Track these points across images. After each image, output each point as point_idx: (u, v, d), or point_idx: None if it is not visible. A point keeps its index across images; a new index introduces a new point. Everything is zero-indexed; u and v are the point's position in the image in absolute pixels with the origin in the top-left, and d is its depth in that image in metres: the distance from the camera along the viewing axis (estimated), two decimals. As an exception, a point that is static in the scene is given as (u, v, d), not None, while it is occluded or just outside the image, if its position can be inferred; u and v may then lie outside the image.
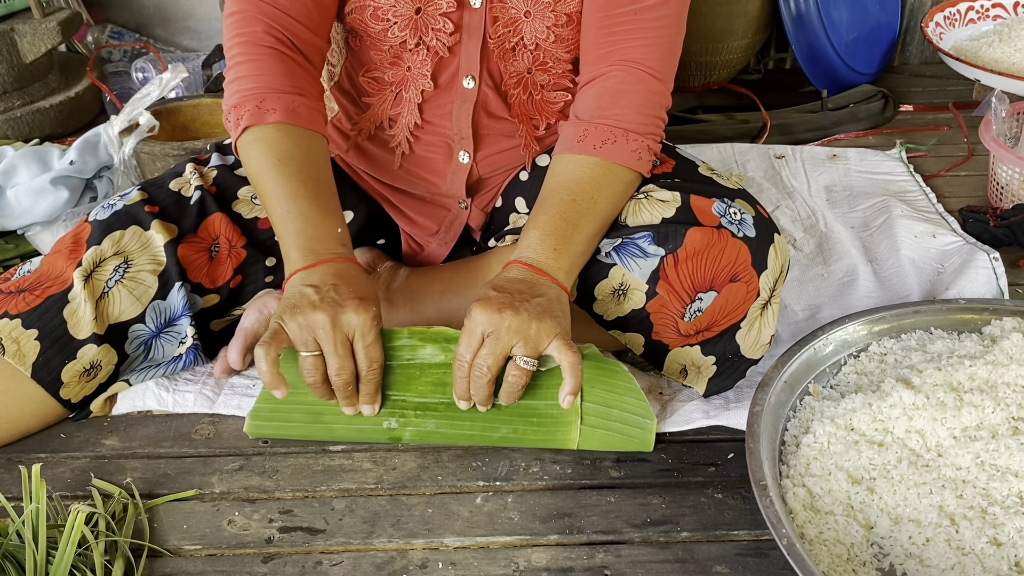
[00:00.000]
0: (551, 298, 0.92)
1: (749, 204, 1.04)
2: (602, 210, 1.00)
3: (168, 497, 0.97)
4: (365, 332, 0.91)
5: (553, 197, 1.00)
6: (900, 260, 1.34)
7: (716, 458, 1.01)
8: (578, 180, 1.00)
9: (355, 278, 0.93)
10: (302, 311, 0.89)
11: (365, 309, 0.90)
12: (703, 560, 0.89)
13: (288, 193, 0.96)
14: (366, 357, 0.92)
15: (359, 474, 0.99)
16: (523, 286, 0.92)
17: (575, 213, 0.98)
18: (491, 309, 0.89)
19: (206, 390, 1.10)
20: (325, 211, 0.97)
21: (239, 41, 1.01)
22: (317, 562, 0.89)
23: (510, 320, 0.89)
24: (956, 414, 0.91)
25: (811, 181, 1.61)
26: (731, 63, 1.97)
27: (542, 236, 0.97)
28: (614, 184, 1.01)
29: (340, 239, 0.97)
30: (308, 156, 1.00)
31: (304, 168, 0.99)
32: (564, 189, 1.00)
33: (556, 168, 1.03)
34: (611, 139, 1.00)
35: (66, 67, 1.96)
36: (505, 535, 0.92)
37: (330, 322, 0.89)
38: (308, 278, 0.92)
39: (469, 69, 1.07)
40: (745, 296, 1.01)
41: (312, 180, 0.98)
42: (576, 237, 0.97)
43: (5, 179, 1.44)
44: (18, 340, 1.01)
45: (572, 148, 1.02)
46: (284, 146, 0.99)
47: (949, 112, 1.87)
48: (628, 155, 1.01)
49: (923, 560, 0.84)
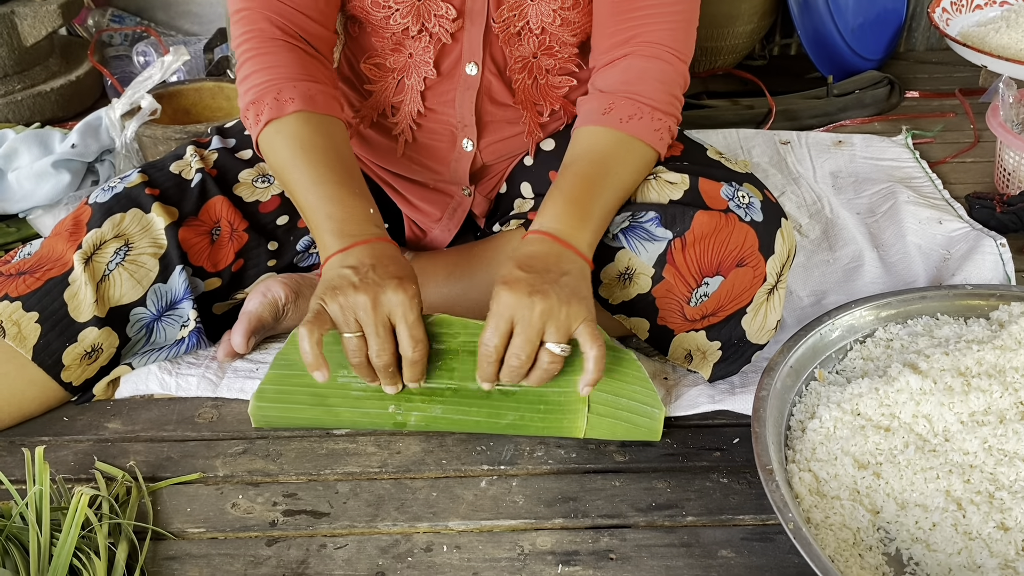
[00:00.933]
0: (576, 275, 0.90)
1: (757, 188, 1.03)
2: (623, 184, 0.99)
3: (172, 480, 0.96)
4: (406, 312, 0.89)
5: (576, 167, 0.98)
6: (906, 246, 1.33)
7: (721, 443, 1.01)
8: (602, 152, 0.98)
9: (392, 258, 0.92)
10: (343, 292, 0.88)
11: (404, 289, 0.88)
12: (708, 544, 0.89)
13: (315, 179, 0.96)
14: (409, 337, 0.89)
15: (363, 458, 0.99)
16: (549, 262, 0.90)
17: (598, 184, 0.96)
18: (520, 293, 0.87)
19: (209, 374, 1.10)
20: (354, 193, 0.96)
21: (248, 37, 1.00)
22: (321, 545, 0.89)
23: (540, 305, 0.86)
24: (964, 399, 0.90)
25: (817, 167, 1.60)
26: (736, 48, 1.96)
27: (565, 206, 0.94)
28: (636, 160, 1.00)
29: (373, 220, 0.95)
30: (331, 141, 0.99)
31: (328, 154, 0.98)
32: (588, 160, 0.98)
33: (580, 139, 1.01)
34: (637, 114, 1.00)
35: (67, 51, 1.94)
36: (510, 519, 0.92)
37: (371, 303, 0.87)
38: (346, 259, 0.90)
39: (472, 55, 1.06)
40: (752, 281, 1.01)
41: (338, 164, 0.97)
42: (597, 209, 0.96)
43: (6, 162, 1.43)
44: (19, 323, 1.00)
45: (597, 120, 1.00)
46: (305, 134, 0.98)
47: (955, 99, 1.86)
48: (651, 133, 1.00)
49: (930, 545, 0.83)
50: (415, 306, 0.89)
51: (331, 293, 0.88)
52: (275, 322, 1.12)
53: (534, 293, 0.86)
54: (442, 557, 0.88)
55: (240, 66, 1.02)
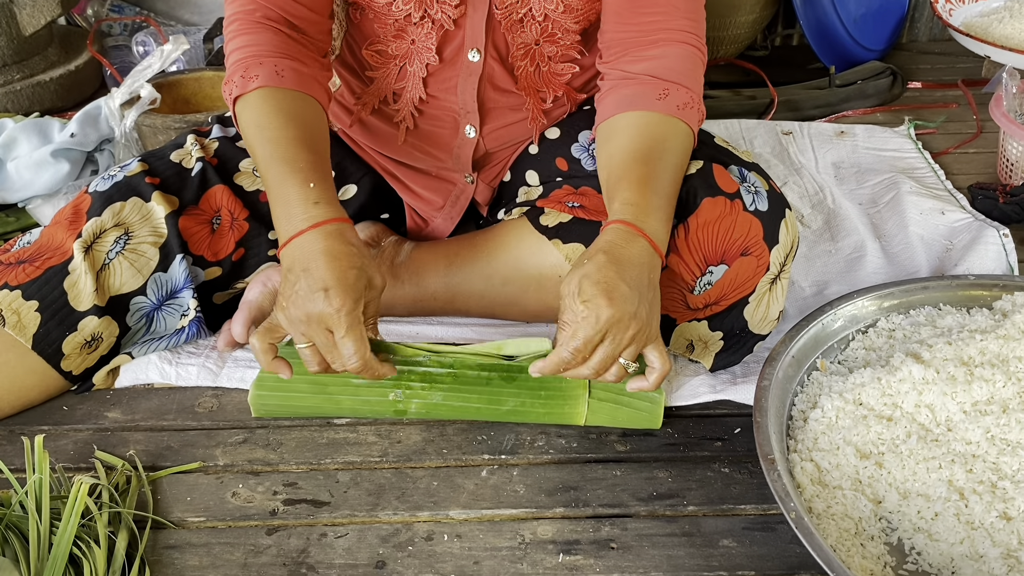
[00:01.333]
0: (657, 284, 0.91)
1: (763, 178, 1.03)
2: (683, 173, 0.99)
3: (172, 469, 0.96)
4: (336, 326, 0.86)
5: (658, 158, 0.95)
6: (908, 236, 1.33)
7: (723, 433, 1.01)
8: (663, 137, 0.97)
9: (326, 251, 0.87)
10: (286, 307, 0.88)
11: (329, 302, 0.85)
12: (710, 534, 0.88)
13: (267, 158, 0.94)
14: (343, 351, 0.87)
15: (364, 447, 0.99)
16: (642, 271, 0.88)
17: (673, 175, 0.96)
18: (623, 312, 0.85)
19: (209, 363, 1.09)
20: (296, 169, 0.92)
21: (232, 19, 1.00)
22: (322, 534, 0.89)
23: (634, 329, 0.86)
24: (966, 388, 0.90)
25: (819, 157, 1.60)
26: (738, 39, 1.95)
27: (652, 199, 0.92)
28: (688, 147, 1.00)
29: (314, 195, 0.90)
30: (288, 118, 0.96)
31: (283, 130, 0.95)
32: (661, 149, 0.96)
33: (646, 127, 0.98)
34: (690, 103, 0.99)
35: (66, 40, 1.94)
36: (511, 508, 0.91)
37: (306, 319, 0.86)
38: (285, 260, 0.90)
39: (475, 42, 1.06)
40: (755, 270, 1.00)
41: (290, 141, 0.94)
42: (672, 200, 0.96)
43: (5, 151, 1.42)
44: (18, 311, 1.00)
45: (652, 105, 0.98)
46: (264, 110, 0.96)
47: (958, 89, 1.85)
48: (698, 122, 1.01)
49: (931, 534, 0.83)
50: (344, 318, 0.85)
51: (279, 307, 0.89)
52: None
53: (633, 318, 0.86)
54: (443, 546, 0.88)
55: (225, 47, 1.02)
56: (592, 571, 0.85)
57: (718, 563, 0.86)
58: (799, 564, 0.85)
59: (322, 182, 0.93)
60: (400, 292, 1.15)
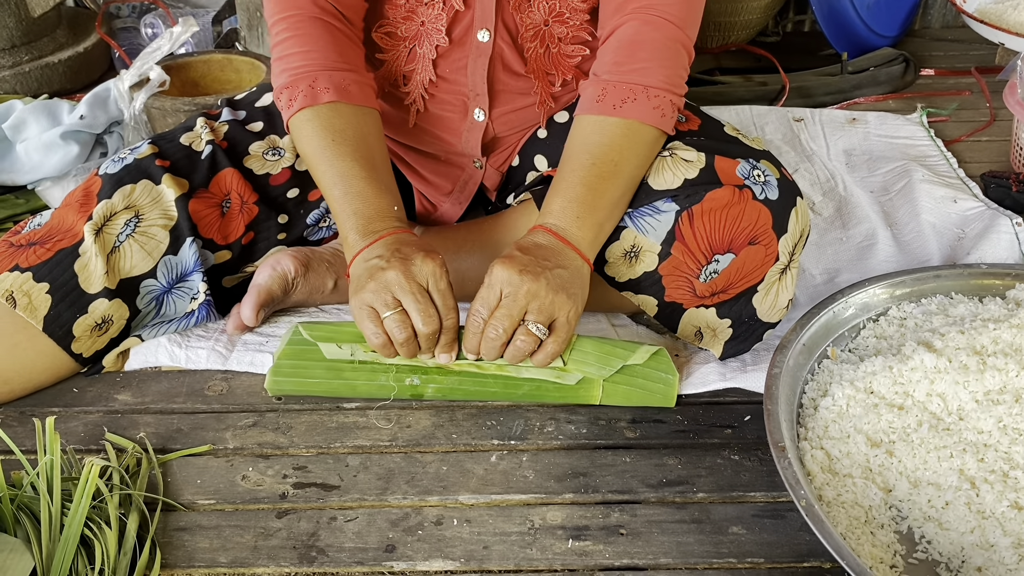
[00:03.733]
0: (571, 272, 0.92)
1: (774, 166, 1.02)
2: (626, 174, 0.98)
3: (181, 452, 0.96)
4: (438, 278, 0.91)
5: (574, 162, 0.98)
6: (920, 225, 1.32)
7: (733, 420, 1.00)
8: (599, 143, 0.97)
9: (416, 241, 0.94)
10: (373, 276, 0.90)
11: (433, 258, 0.91)
12: (719, 521, 0.88)
13: (343, 173, 0.97)
14: (443, 303, 0.92)
15: (373, 431, 0.99)
16: (548, 253, 0.92)
17: (597, 179, 0.96)
18: (512, 269, 0.89)
19: (219, 346, 1.09)
20: (380, 189, 0.97)
21: (286, 15, 1.01)
22: (332, 518, 0.89)
23: (529, 284, 0.89)
24: (979, 377, 0.89)
25: (830, 144, 1.59)
26: (750, 24, 1.93)
27: (564, 203, 0.95)
28: (637, 145, 0.99)
29: (397, 216, 0.97)
30: (361, 134, 1.00)
31: (358, 147, 0.99)
32: (585, 153, 0.97)
33: (576, 130, 1.01)
34: (631, 97, 0.98)
35: (74, 22, 1.93)
36: (520, 493, 0.91)
37: (403, 275, 0.89)
38: (371, 252, 0.93)
39: (484, 22, 1.05)
40: (763, 259, 1.00)
41: (366, 159, 0.99)
42: (600, 204, 0.96)
43: (15, 133, 1.42)
44: (29, 293, 1.00)
45: (591, 109, 0.99)
46: (337, 125, 0.99)
47: (971, 76, 1.84)
48: (650, 113, 0.98)
49: (942, 523, 0.83)
50: (445, 274, 0.92)
51: (362, 284, 0.91)
52: (284, 295, 1.12)
53: (524, 272, 0.89)
54: (452, 531, 0.88)
55: (276, 44, 1.02)
56: (601, 557, 0.85)
57: (727, 550, 0.86)
58: (809, 552, 0.85)
59: (401, 205, 1.00)
60: (409, 277, 1.15)
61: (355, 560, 0.85)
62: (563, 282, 0.91)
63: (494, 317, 0.91)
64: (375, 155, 1.01)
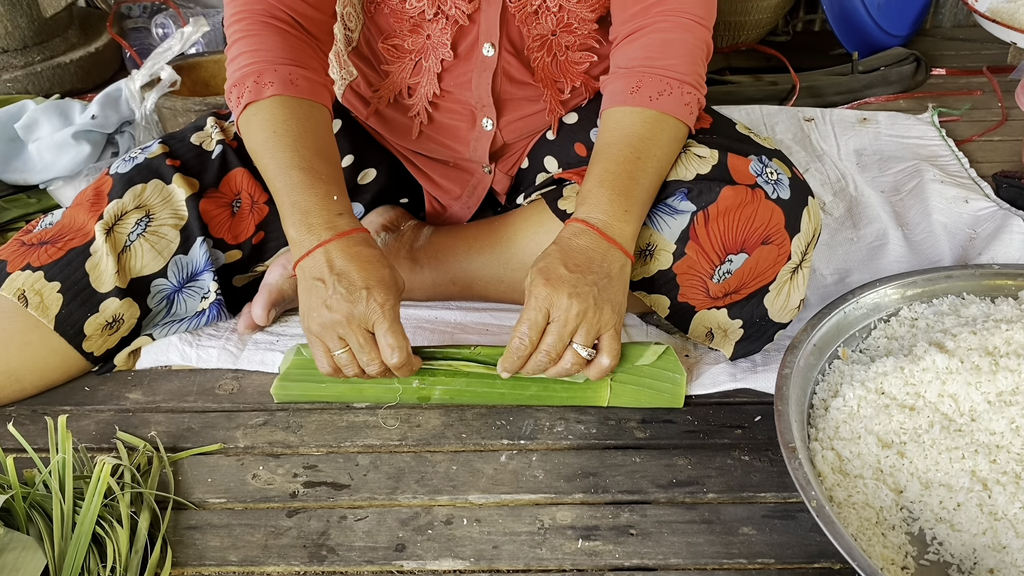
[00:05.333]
0: (615, 275, 0.91)
1: (785, 165, 1.02)
2: (661, 166, 0.97)
3: (192, 451, 0.97)
4: (378, 321, 0.88)
5: (615, 152, 0.96)
6: (931, 225, 1.32)
7: (743, 421, 1.00)
8: (639, 135, 0.96)
9: (357, 255, 0.90)
10: (318, 314, 0.89)
11: (373, 298, 0.88)
12: (729, 521, 0.88)
13: (283, 165, 0.93)
14: (386, 345, 0.89)
15: (383, 431, 0.99)
16: (592, 258, 0.90)
17: (640, 171, 0.95)
18: (560, 292, 0.87)
19: (229, 345, 1.10)
20: (319, 179, 0.93)
21: (239, 18, 0.99)
22: (342, 516, 0.89)
23: (577, 307, 0.88)
24: (991, 378, 0.89)
25: (841, 144, 1.58)
26: (760, 23, 1.93)
27: (610, 195, 0.93)
28: (670, 138, 0.98)
29: (337, 207, 0.92)
30: (305, 126, 0.96)
31: (301, 138, 0.95)
32: (626, 145, 0.96)
33: (612, 121, 0.99)
34: (667, 90, 0.97)
35: (86, 22, 1.94)
36: (530, 493, 0.91)
37: (346, 322, 0.88)
38: (313, 269, 0.90)
39: (489, 36, 1.05)
40: (776, 259, 1.00)
41: (308, 150, 0.94)
42: (641, 197, 0.95)
43: (27, 133, 1.43)
44: (41, 292, 1.00)
45: (626, 100, 0.98)
46: (280, 117, 0.95)
47: (983, 76, 1.83)
48: (682, 108, 0.98)
49: (954, 525, 0.82)
50: (387, 312, 0.89)
51: (309, 319, 0.90)
52: (295, 294, 1.12)
53: (574, 295, 0.87)
54: (462, 530, 0.88)
55: (228, 48, 1.00)
56: (611, 557, 0.85)
57: (738, 550, 0.85)
58: (819, 552, 0.85)
59: (343, 195, 0.95)
60: (419, 276, 1.15)
61: (365, 559, 0.85)
62: (609, 294, 0.90)
63: (544, 343, 0.89)
64: (319, 147, 0.96)
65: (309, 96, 0.98)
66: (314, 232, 0.91)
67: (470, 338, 1.11)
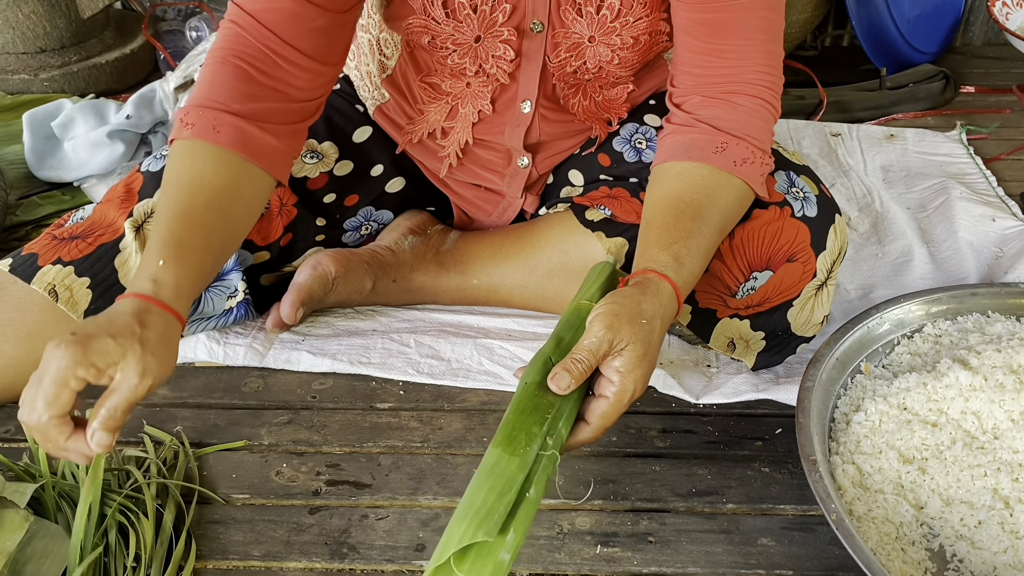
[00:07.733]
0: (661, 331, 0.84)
1: (813, 182, 1.02)
2: (727, 229, 0.95)
3: (218, 446, 0.98)
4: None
5: (710, 223, 0.90)
6: (957, 242, 1.31)
7: (764, 432, 1.00)
8: (727, 206, 0.93)
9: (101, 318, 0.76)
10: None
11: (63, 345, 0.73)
12: (748, 532, 0.88)
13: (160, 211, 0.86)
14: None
15: (406, 432, 1.00)
16: (661, 323, 0.83)
17: (717, 232, 0.91)
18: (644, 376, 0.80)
19: (256, 344, 1.11)
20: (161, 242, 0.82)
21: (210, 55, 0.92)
22: (363, 515, 0.90)
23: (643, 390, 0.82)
24: (1015, 397, 0.89)
25: (867, 160, 1.58)
26: (788, 37, 1.93)
27: (691, 257, 0.87)
28: (741, 205, 0.95)
29: (151, 273, 0.80)
30: (189, 176, 0.87)
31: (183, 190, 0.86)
32: (718, 216, 0.91)
33: (697, 180, 0.93)
34: (750, 159, 0.93)
35: (121, 24, 1.97)
36: (549, 498, 0.92)
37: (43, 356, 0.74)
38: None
39: (527, 94, 1.06)
40: (801, 276, 1.00)
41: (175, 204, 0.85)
42: (708, 256, 0.91)
43: (63, 131, 1.46)
44: (71, 287, 1.02)
45: (708, 158, 0.92)
46: (176, 165, 0.88)
47: (1012, 95, 1.82)
48: (758, 178, 0.95)
49: (974, 542, 0.82)
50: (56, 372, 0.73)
51: None
52: (324, 295, 1.13)
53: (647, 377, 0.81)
54: (481, 533, 0.88)
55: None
56: (630, 563, 0.85)
57: (756, 561, 0.86)
58: (838, 566, 0.85)
59: (178, 265, 0.81)
60: (444, 281, 1.16)
61: (385, 558, 0.86)
62: (654, 361, 0.82)
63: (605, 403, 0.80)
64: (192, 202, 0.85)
65: (227, 145, 0.88)
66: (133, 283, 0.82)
67: (492, 342, 1.11)
